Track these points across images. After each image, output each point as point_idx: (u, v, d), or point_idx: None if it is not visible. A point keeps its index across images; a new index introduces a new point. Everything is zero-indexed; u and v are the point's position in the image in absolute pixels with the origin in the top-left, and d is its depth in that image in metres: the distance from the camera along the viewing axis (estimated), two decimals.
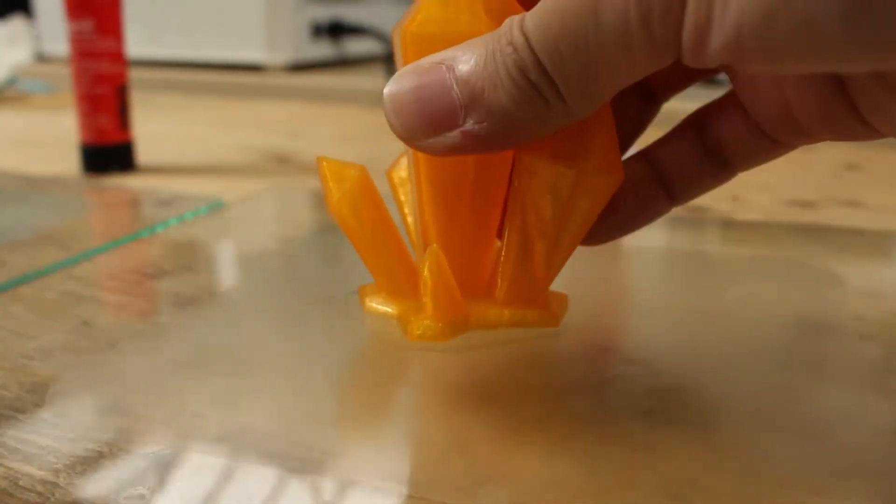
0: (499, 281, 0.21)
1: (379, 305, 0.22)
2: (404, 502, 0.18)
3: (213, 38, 1.02)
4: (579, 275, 0.21)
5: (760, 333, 0.28)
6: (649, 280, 0.33)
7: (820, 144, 0.24)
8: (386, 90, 0.18)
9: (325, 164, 0.21)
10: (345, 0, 1.08)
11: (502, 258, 0.21)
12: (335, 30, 1.06)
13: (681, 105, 0.23)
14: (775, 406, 0.23)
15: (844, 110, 0.18)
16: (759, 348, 0.26)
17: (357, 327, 0.21)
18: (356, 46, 1.12)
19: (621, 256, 0.34)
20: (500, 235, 0.22)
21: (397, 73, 0.18)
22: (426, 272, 0.20)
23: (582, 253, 0.22)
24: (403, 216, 0.25)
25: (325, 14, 1.05)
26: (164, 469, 0.19)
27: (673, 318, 0.29)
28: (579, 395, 0.20)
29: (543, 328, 0.21)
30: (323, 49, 1.06)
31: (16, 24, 0.91)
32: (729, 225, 0.38)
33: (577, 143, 0.19)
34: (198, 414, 0.21)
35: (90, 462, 0.19)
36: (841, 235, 0.36)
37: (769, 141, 0.21)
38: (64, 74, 0.98)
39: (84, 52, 0.49)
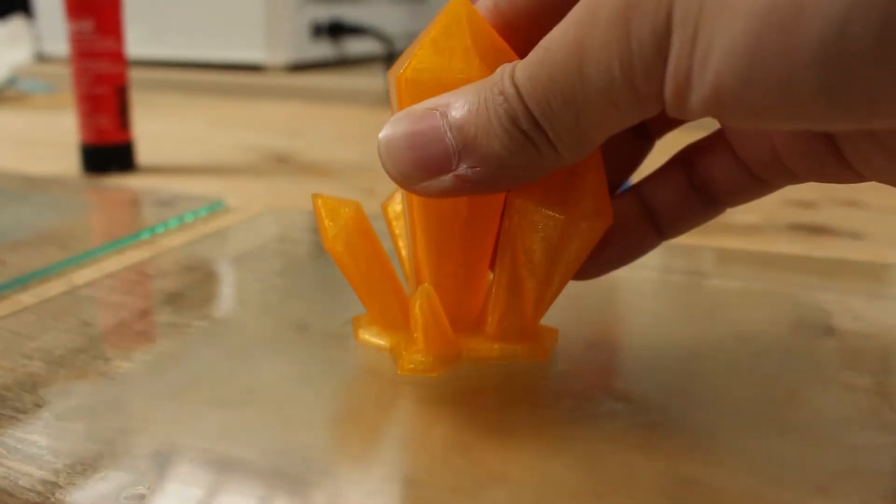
0: (489, 316, 0.22)
1: (372, 338, 0.23)
2: (404, 502, 0.18)
3: (213, 38, 1.02)
4: (569, 300, 0.21)
5: (759, 334, 0.28)
6: (641, 304, 0.33)
7: None
8: (381, 135, 0.19)
9: (319, 201, 0.22)
10: (345, 0, 1.08)
11: (493, 294, 0.22)
12: (335, 30, 1.06)
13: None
14: (775, 406, 0.23)
15: (830, 157, 0.19)
16: (759, 349, 0.27)
17: (349, 358, 0.22)
18: (356, 46, 1.12)
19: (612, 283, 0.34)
20: (492, 267, 0.23)
21: (392, 118, 0.19)
22: (417, 310, 0.20)
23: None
24: (398, 249, 0.25)
25: (325, 14, 1.05)
26: (163, 469, 0.19)
27: (667, 339, 0.29)
28: (567, 428, 0.20)
29: (533, 361, 0.22)
30: (323, 49, 1.06)
31: (16, 24, 0.91)
32: (723, 253, 0.38)
33: (567, 187, 0.20)
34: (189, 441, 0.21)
35: (90, 462, 0.19)
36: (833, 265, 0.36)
37: (756, 180, 0.21)
38: (64, 74, 0.98)
39: (84, 52, 0.49)
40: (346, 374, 0.23)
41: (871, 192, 0.50)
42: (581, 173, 0.20)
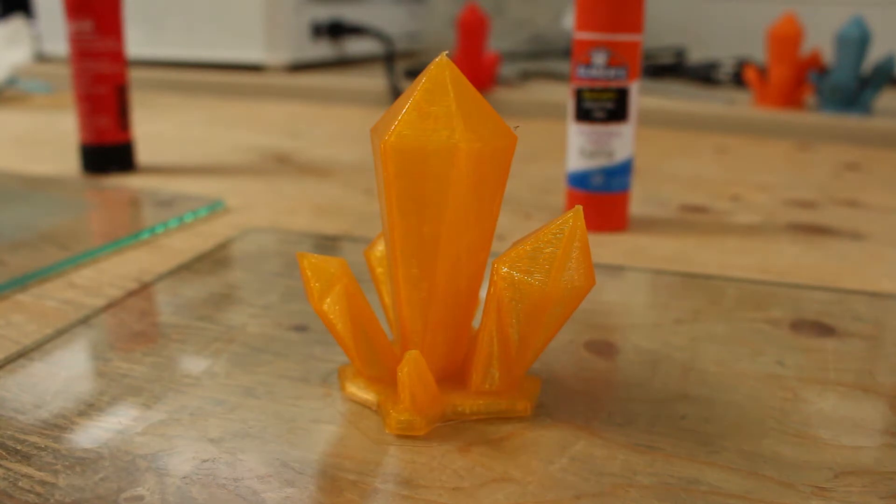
0: (473, 372, 0.22)
1: (359, 391, 0.23)
2: (405, 502, 0.18)
3: (213, 38, 1.02)
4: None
5: (759, 334, 0.28)
6: (639, 302, 0.33)
7: (819, 144, 0.24)
8: None
9: (305, 261, 0.22)
10: (345, 0, 1.08)
11: (477, 350, 0.22)
12: (335, 30, 1.06)
13: (686, 106, 0.23)
14: (775, 407, 0.23)
15: None
16: (759, 349, 0.26)
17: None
18: (356, 46, 1.12)
19: (610, 281, 0.34)
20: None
21: None
22: (405, 377, 0.21)
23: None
24: (381, 294, 0.25)
25: (325, 14, 1.05)
26: (163, 469, 0.19)
27: (666, 338, 0.29)
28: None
29: (516, 415, 0.22)
30: (323, 49, 1.06)
31: (16, 24, 0.91)
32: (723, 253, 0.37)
33: (551, 258, 0.20)
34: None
35: (90, 462, 0.19)
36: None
37: None
38: (64, 74, 0.98)
39: (84, 52, 0.49)
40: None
41: (871, 192, 0.50)
42: (566, 249, 0.20)
